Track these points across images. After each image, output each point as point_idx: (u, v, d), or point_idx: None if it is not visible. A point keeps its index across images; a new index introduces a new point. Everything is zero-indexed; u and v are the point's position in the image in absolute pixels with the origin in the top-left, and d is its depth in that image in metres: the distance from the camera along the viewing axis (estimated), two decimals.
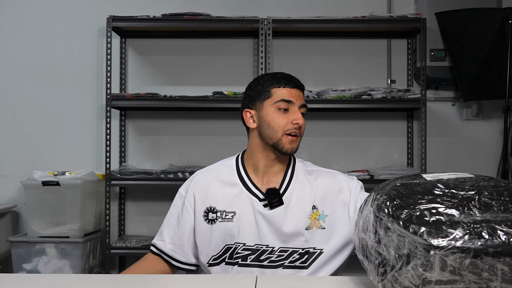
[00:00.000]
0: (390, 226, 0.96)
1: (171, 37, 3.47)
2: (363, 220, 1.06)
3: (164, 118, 3.46)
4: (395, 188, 1.03)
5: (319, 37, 3.45)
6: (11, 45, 3.50)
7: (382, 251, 0.98)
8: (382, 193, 1.03)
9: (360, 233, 1.07)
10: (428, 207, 0.96)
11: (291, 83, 1.65)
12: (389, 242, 0.96)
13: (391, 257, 0.96)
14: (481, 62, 3.11)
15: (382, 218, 0.97)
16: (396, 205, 0.98)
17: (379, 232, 0.98)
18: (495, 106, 3.37)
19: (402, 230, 0.94)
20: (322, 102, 3.14)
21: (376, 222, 0.99)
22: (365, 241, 1.04)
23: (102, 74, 3.46)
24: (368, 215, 1.04)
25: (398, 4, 3.47)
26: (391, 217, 0.96)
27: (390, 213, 0.97)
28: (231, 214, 1.59)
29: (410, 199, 0.98)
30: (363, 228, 1.06)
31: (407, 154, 3.43)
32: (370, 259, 1.01)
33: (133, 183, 3.18)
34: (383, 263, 0.97)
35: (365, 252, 1.03)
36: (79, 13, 3.49)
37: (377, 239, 0.98)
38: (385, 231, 0.97)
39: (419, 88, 3.13)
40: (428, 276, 0.92)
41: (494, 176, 3.36)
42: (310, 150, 3.42)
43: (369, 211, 1.03)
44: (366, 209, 1.06)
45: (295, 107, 1.63)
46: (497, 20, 3.03)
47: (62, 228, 3.05)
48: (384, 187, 1.06)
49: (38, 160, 3.44)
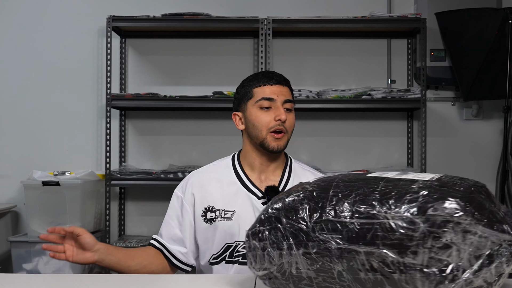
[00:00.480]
0: (472, 228, 0.96)
1: (171, 37, 3.47)
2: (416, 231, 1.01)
3: (164, 118, 3.46)
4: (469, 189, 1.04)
5: (319, 37, 3.45)
6: (11, 45, 3.50)
7: (447, 257, 0.96)
8: (441, 199, 1.01)
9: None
10: (491, 205, 1.02)
11: (271, 80, 1.66)
12: (465, 246, 0.96)
13: (464, 260, 0.95)
14: (481, 62, 3.11)
15: (461, 223, 0.96)
16: (477, 207, 0.99)
17: (451, 238, 0.96)
18: (495, 106, 3.37)
19: (487, 230, 0.96)
20: (322, 102, 3.14)
21: (447, 228, 0.96)
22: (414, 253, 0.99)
23: (102, 74, 3.46)
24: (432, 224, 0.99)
25: (398, 4, 3.47)
26: (474, 220, 0.96)
27: (475, 216, 0.97)
28: (230, 212, 1.60)
29: (480, 200, 1.02)
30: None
31: (407, 154, 3.43)
32: (418, 268, 0.97)
33: (133, 183, 3.19)
34: (451, 270, 0.95)
35: (398, 264, 0.98)
36: (79, 13, 3.49)
37: (441, 245, 0.96)
38: (462, 236, 0.96)
39: (419, 88, 3.13)
40: (507, 270, 0.96)
41: (494, 176, 3.37)
42: (310, 150, 3.43)
43: (431, 219, 0.99)
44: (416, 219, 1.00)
45: (277, 103, 1.63)
46: (497, 20, 3.03)
47: None
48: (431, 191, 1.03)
49: (38, 160, 3.44)
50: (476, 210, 0.97)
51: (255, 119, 1.64)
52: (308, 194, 1.07)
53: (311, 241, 1.02)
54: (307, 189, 1.09)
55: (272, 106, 1.63)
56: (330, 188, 1.06)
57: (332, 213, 1.02)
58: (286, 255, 1.04)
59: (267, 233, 1.06)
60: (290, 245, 1.04)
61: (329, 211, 1.02)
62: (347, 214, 1.01)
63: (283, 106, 1.64)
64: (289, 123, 1.65)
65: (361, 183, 1.06)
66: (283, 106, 1.64)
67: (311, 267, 1.02)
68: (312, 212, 1.04)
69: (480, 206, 0.99)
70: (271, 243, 1.06)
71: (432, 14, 3.24)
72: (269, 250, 1.06)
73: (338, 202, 1.03)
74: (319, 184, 1.09)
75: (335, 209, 1.02)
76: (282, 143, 1.63)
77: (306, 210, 1.04)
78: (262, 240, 1.07)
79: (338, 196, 1.04)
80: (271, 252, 1.05)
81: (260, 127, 1.62)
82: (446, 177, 1.08)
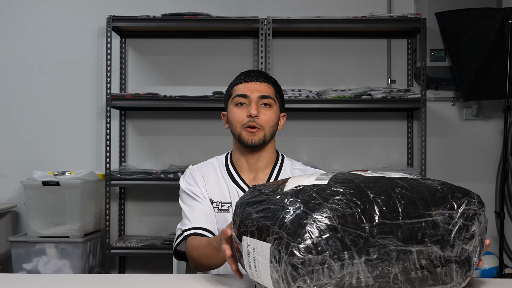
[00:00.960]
0: (483, 218, 1.11)
1: (171, 37, 3.47)
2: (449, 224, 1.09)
3: (164, 118, 3.46)
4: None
5: (319, 37, 3.45)
6: (11, 45, 3.50)
7: (469, 247, 1.08)
8: (460, 194, 1.12)
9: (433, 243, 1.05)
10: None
11: (248, 77, 1.67)
12: (479, 234, 1.10)
13: (474, 247, 1.09)
14: (481, 62, 3.11)
15: (481, 214, 1.11)
16: (482, 201, 1.14)
17: (475, 229, 1.08)
18: (495, 106, 3.37)
19: (485, 219, 1.13)
20: (322, 102, 3.14)
21: (474, 220, 1.09)
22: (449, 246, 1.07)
23: (102, 74, 3.46)
24: (462, 215, 1.09)
25: (398, 4, 3.47)
26: (483, 211, 1.12)
27: (484, 207, 1.13)
28: (227, 205, 1.64)
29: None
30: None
31: (407, 154, 3.43)
32: (453, 260, 1.06)
33: (133, 183, 3.18)
34: (470, 257, 1.08)
35: (440, 258, 1.04)
36: (79, 13, 3.49)
37: (469, 236, 1.07)
38: (479, 225, 1.10)
39: (419, 88, 3.13)
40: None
41: (494, 176, 3.37)
42: (310, 150, 3.42)
43: (456, 211, 1.09)
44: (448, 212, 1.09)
45: (251, 99, 1.64)
46: (497, 20, 3.03)
47: (62, 228, 3.04)
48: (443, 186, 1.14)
49: (38, 160, 3.43)
50: (483, 202, 1.12)
51: (230, 116, 1.67)
52: (349, 197, 1.01)
53: (372, 246, 0.97)
54: (339, 191, 1.02)
55: (246, 103, 1.65)
56: (366, 190, 1.03)
57: (385, 216, 1.00)
58: (348, 266, 0.96)
59: (325, 244, 0.95)
60: (351, 254, 0.96)
61: (381, 214, 1.00)
62: (398, 215, 1.01)
63: (259, 101, 1.64)
64: (265, 119, 1.64)
65: (385, 183, 1.07)
66: (260, 101, 1.64)
67: (371, 274, 0.98)
68: (364, 215, 0.99)
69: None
70: (331, 255, 0.95)
71: (432, 14, 3.24)
72: (330, 262, 0.95)
73: (384, 205, 1.01)
74: (349, 186, 1.04)
75: (384, 211, 1.00)
76: (257, 138, 1.63)
77: (359, 214, 0.99)
78: (321, 253, 0.94)
79: (380, 198, 1.02)
80: (332, 265, 0.95)
81: (235, 123, 1.65)
82: (424, 176, 1.19)
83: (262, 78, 1.67)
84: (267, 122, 1.64)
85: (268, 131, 1.65)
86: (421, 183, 1.10)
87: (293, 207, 0.99)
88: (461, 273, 1.05)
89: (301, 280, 0.94)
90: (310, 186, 1.04)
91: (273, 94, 1.68)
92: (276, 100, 1.68)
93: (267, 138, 1.65)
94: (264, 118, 1.64)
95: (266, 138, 1.65)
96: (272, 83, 1.70)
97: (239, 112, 1.64)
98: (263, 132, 1.64)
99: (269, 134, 1.66)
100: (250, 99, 1.64)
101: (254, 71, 1.71)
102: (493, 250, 3.30)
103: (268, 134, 1.65)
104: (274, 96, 1.68)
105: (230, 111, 1.67)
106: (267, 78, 1.69)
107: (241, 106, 1.65)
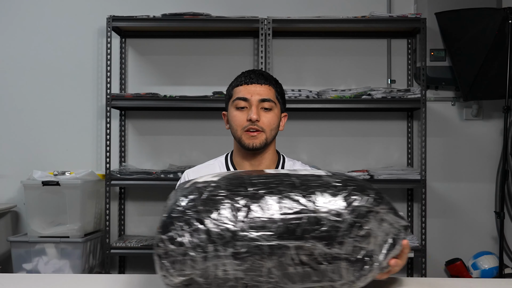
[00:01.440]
0: (386, 217, 1.05)
1: (171, 37, 3.47)
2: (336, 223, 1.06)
3: (164, 118, 3.46)
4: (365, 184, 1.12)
5: (319, 37, 3.45)
6: (11, 45, 3.50)
7: (366, 245, 1.03)
8: (364, 189, 1.08)
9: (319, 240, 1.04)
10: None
11: (249, 79, 1.66)
12: (380, 233, 1.04)
13: (377, 246, 1.04)
14: (481, 62, 3.11)
15: (380, 212, 1.05)
16: (386, 197, 1.08)
17: (371, 227, 1.03)
18: (495, 106, 3.37)
19: (394, 218, 1.07)
20: (322, 102, 3.14)
21: (369, 218, 1.04)
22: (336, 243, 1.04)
23: (102, 74, 3.46)
24: (353, 213, 1.05)
25: (398, 4, 3.47)
26: (387, 209, 1.06)
27: (389, 206, 1.07)
28: None
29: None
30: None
31: (407, 154, 3.43)
32: (343, 257, 1.03)
33: (133, 183, 3.18)
34: (367, 256, 1.03)
35: (325, 255, 1.02)
36: (79, 13, 3.49)
37: (364, 234, 1.03)
38: (379, 224, 1.04)
39: (419, 88, 3.13)
40: (398, 252, 1.09)
41: (494, 176, 3.36)
42: (310, 150, 3.42)
43: (355, 210, 1.05)
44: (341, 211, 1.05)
45: (252, 103, 1.63)
46: (497, 20, 3.03)
47: (62, 228, 3.04)
48: (357, 184, 1.10)
49: (38, 160, 3.44)
50: (387, 200, 1.08)
51: (231, 119, 1.66)
52: (226, 193, 1.03)
53: (240, 240, 0.99)
54: (219, 186, 1.05)
55: (247, 106, 1.64)
56: (247, 186, 1.04)
57: (259, 211, 1.01)
58: (213, 258, 0.98)
59: (188, 237, 0.99)
60: (216, 247, 0.98)
61: (255, 209, 1.01)
62: (274, 210, 1.01)
63: (260, 105, 1.63)
64: (266, 122, 1.63)
65: (275, 179, 1.06)
66: (260, 105, 1.63)
67: (239, 267, 0.99)
68: (238, 210, 1.01)
69: (385, 196, 1.09)
70: (194, 246, 0.98)
71: (432, 14, 3.24)
72: (192, 254, 0.98)
73: (262, 199, 1.02)
74: (230, 182, 1.06)
75: (261, 206, 1.01)
76: (258, 141, 1.63)
77: (231, 209, 1.01)
78: (183, 245, 0.99)
79: (259, 193, 1.03)
80: (195, 257, 0.98)
81: (236, 127, 1.64)
82: (337, 173, 1.13)
83: (263, 80, 1.66)
84: (268, 125, 1.64)
85: (269, 133, 1.65)
86: (320, 179, 1.07)
87: (176, 201, 1.05)
88: (353, 271, 1.02)
89: (165, 269, 1.00)
90: (202, 182, 1.08)
91: (274, 96, 1.66)
92: (277, 102, 1.67)
93: (268, 141, 1.65)
94: (266, 121, 1.63)
95: (267, 141, 1.64)
96: (273, 84, 1.68)
97: (239, 115, 1.64)
98: (264, 135, 1.63)
99: (270, 137, 1.65)
100: (250, 102, 1.63)
101: (255, 72, 1.69)
102: (493, 250, 3.30)
103: (269, 137, 1.65)
104: (275, 98, 1.66)
105: (231, 114, 1.67)
106: (267, 80, 1.67)
107: (241, 109, 1.64)
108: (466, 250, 3.33)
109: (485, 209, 3.40)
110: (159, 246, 1.00)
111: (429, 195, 3.31)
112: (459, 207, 3.42)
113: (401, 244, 1.08)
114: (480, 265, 3.19)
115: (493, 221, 3.36)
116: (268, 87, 1.66)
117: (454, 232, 3.42)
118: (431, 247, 3.31)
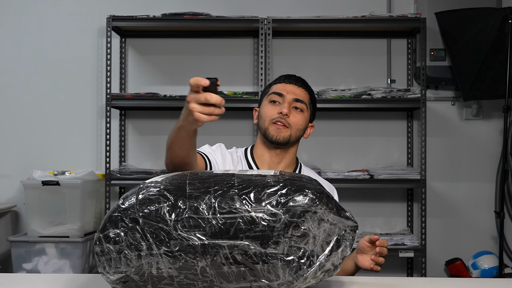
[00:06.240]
0: (325, 217, 1.05)
1: (171, 37, 3.47)
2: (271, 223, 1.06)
3: (164, 118, 3.46)
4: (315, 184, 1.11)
5: (319, 37, 3.45)
6: (11, 45, 3.50)
7: (304, 245, 1.03)
8: (303, 191, 1.07)
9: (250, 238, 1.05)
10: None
11: (288, 78, 1.73)
12: (320, 233, 1.04)
13: (318, 246, 1.04)
14: (481, 62, 3.11)
15: (318, 212, 1.05)
16: (327, 197, 1.08)
17: (308, 227, 1.04)
18: (495, 106, 3.37)
19: (336, 218, 1.06)
20: (322, 102, 3.14)
21: (306, 217, 1.04)
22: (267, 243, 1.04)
23: (102, 74, 3.46)
24: (290, 214, 1.04)
25: (398, 4, 3.47)
26: (327, 209, 1.06)
27: (330, 206, 1.06)
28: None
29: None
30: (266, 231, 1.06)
31: (407, 154, 3.43)
32: (279, 257, 1.03)
33: (133, 183, 3.18)
34: (306, 256, 1.03)
35: (260, 255, 1.02)
36: (79, 13, 3.49)
37: (300, 234, 1.03)
38: (318, 224, 1.04)
39: (419, 88, 3.13)
40: (349, 253, 1.08)
41: (494, 176, 3.37)
42: (310, 150, 3.42)
43: (291, 210, 1.05)
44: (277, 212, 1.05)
45: (285, 99, 1.68)
46: (497, 20, 3.03)
47: (62, 228, 3.04)
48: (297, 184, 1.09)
49: (38, 160, 3.43)
50: (327, 200, 1.07)
51: (262, 111, 1.71)
52: (163, 192, 1.06)
53: (173, 239, 1.02)
54: (159, 187, 1.08)
55: (280, 101, 1.69)
56: (185, 186, 1.07)
57: (193, 210, 1.03)
58: (146, 256, 1.02)
59: (123, 235, 1.03)
60: (150, 246, 1.02)
61: (190, 208, 1.03)
62: (208, 210, 1.03)
63: (292, 103, 1.69)
64: (294, 120, 1.68)
65: (215, 179, 1.08)
66: (293, 104, 1.69)
67: (173, 266, 1.02)
68: (172, 210, 1.03)
69: (328, 196, 1.08)
70: (128, 245, 1.02)
71: (432, 14, 3.24)
72: (126, 252, 1.03)
73: (198, 199, 1.04)
74: (171, 182, 1.09)
75: (195, 206, 1.03)
76: (282, 135, 1.66)
77: (165, 208, 1.04)
78: (118, 243, 1.03)
79: (196, 193, 1.05)
80: (129, 254, 1.03)
81: (265, 117, 1.69)
82: (285, 172, 1.14)
83: (301, 83, 1.73)
84: (295, 124, 1.68)
85: (295, 132, 1.69)
86: (263, 180, 1.08)
87: (119, 201, 1.11)
88: (289, 271, 1.02)
89: (101, 266, 1.05)
90: (148, 183, 1.12)
91: (307, 101, 1.73)
92: (308, 107, 1.74)
93: (292, 139, 1.68)
94: (294, 120, 1.68)
95: (291, 139, 1.68)
96: (309, 91, 1.75)
97: (271, 107, 1.69)
98: (290, 131, 1.67)
99: (294, 136, 1.69)
100: (284, 98, 1.69)
101: (295, 75, 1.76)
102: (493, 250, 3.30)
103: (294, 136, 1.69)
104: (307, 103, 1.73)
105: (263, 106, 1.72)
106: (305, 85, 1.75)
107: (274, 103, 1.70)
108: (466, 250, 3.33)
109: (485, 209, 3.40)
110: (96, 244, 1.05)
111: (429, 195, 3.31)
112: (459, 207, 3.42)
113: (350, 245, 1.07)
114: (480, 265, 3.19)
115: (493, 221, 3.36)
116: (304, 91, 1.73)
117: (454, 232, 3.42)
118: (431, 247, 3.30)
